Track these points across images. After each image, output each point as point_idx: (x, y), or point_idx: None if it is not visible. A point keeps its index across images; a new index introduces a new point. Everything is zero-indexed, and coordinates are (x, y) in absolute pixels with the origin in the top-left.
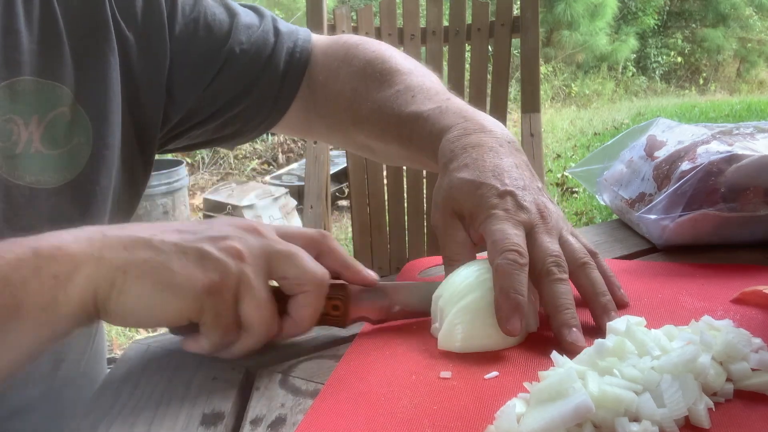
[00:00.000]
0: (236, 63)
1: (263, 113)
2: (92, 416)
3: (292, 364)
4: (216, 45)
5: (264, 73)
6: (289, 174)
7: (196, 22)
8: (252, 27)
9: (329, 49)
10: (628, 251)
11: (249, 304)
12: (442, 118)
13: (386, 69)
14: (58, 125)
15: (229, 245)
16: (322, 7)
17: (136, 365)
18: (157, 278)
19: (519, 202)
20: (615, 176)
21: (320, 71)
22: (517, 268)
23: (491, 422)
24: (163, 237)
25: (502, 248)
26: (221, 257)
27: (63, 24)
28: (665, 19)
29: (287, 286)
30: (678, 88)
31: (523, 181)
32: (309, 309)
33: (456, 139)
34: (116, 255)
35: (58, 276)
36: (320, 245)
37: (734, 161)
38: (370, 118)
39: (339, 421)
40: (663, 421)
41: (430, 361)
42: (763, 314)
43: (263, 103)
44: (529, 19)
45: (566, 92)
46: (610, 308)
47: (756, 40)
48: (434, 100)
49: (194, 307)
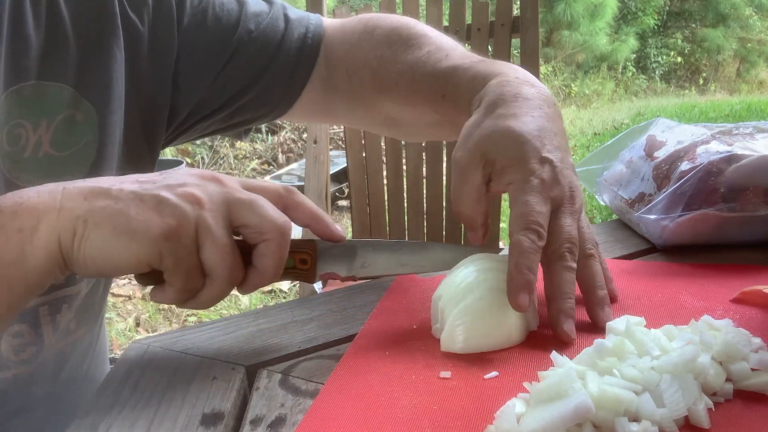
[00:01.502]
0: (246, 52)
1: (273, 100)
2: (92, 416)
3: (292, 364)
4: (225, 35)
5: (274, 60)
6: (289, 174)
7: (204, 13)
8: (261, 15)
9: (346, 26)
10: (628, 251)
11: (210, 249)
12: (488, 66)
13: (413, 34)
14: (68, 126)
15: (188, 191)
16: (322, 7)
17: (136, 365)
18: (115, 224)
19: (556, 174)
20: (615, 176)
21: (339, 47)
22: (535, 248)
23: (491, 422)
24: (121, 186)
25: (525, 223)
26: (179, 203)
27: (69, 21)
28: (665, 19)
29: (249, 235)
30: (678, 88)
31: (561, 153)
32: (272, 258)
33: (506, 83)
34: (76, 205)
35: (23, 230)
36: (286, 199)
37: (734, 161)
38: (400, 82)
39: (339, 421)
40: (663, 421)
41: (430, 361)
42: (763, 314)
43: (273, 90)
44: (529, 19)
45: (566, 92)
46: (606, 302)
47: (756, 40)
48: (470, 57)
49: (153, 252)
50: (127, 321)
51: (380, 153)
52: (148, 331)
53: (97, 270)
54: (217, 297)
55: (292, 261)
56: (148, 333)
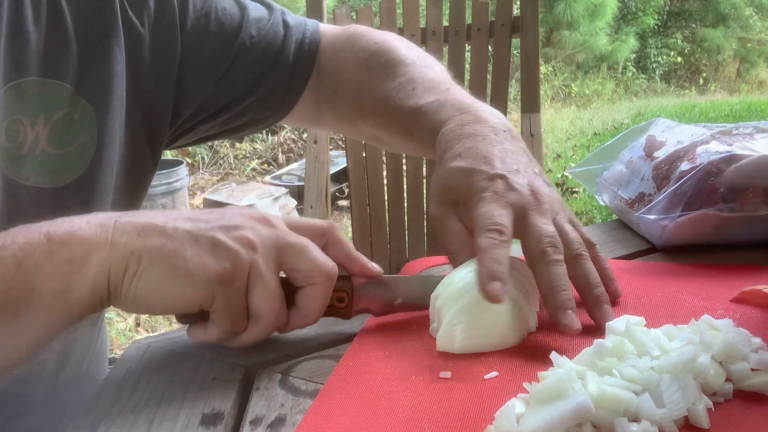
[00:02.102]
0: (247, 56)
1: (273, 105)
2: (92, 416)
3: (292, 364)
4: (227, 39)
5: (274, 65)
6: (289, 174)
7: (207, 17)
8: (262, 20)
9: (337, 40)
10: (628, 251)
11: (259, 293)
12: (440, 111)
13: (390, 60)
14: (65, 125)
15: (242, 235)
16: (322, 7)
17: (136, 365)
18: (170, 265)
19: (510, 184)
20: (615, 176)
21: (329, 62)
22: (496, 243)
23: (491, 422)
24: (176, 224)
25: (483, 227)
26: (233, 246)
27: (71, 20)
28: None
29: (297, 278)
30: (678, 88)
31: (517, 165)
32: (317, 301)
33: (451, 131)
34: (129, 240)
35: (72, 261)
36: (328, 236)
37: (734, 161)
38: (375, 110)
39: (339, 421)
40: (662, 421)
41: (430, 361)
42: (763, 314)
43: (273, 95)
44: (529, 19)
45: (566, 92)
46: (603, 300)
47: (756, 40)
48: (434, 92)
49: (206, 295)
50: (127, 321)
51: (380, 153)
52: (148, 331)
53: (145, 307)
54: (258, 338)
55: (331, 300)
56: (148, 333)
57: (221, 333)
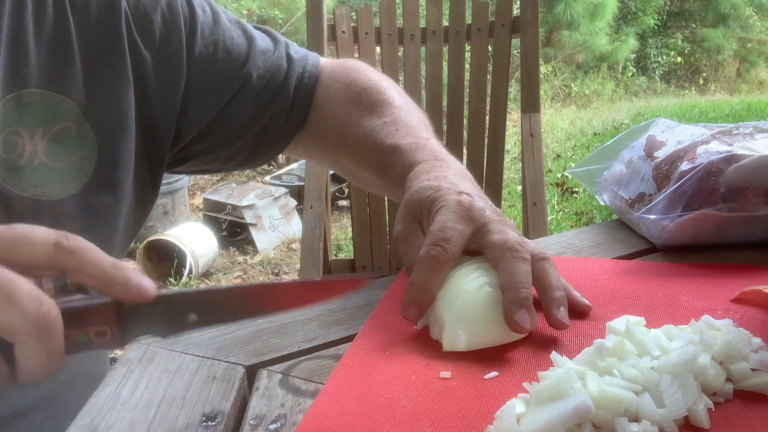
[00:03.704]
0: (252, 88)
1: (272, 139)
2: (92, 416)
3: (292, 364)
4: (234, 69)
5: (276, 98)
6: (289, 174)
7: (215, 45)
8: (267, 52)
9: (334, 72)
10: (628, 251)
11: None
12: (416, 152)
13: (379, 100)
14: (63, 138)
15: None
16: (322, 7)
17: (136, 365)
18: None
19: (475, 201)
20: (615, 176)
21: (321, 93)
22: (434, 264)
23: (491, 422)
24: None
25: (431, 240)
26: None
27: (76, 38)
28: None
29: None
30: (678, 88)
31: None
32: (32, 361)
33: (422, 169)
34: None
35: None
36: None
37: (734, 161)
38: (356, 144)
39: (339, 421)
40: (663, 421)
41: (430, 361)
42: (763, 314)
43: (274, 129)
44: (529, 19)
45: (566, 92)
46: (561, 303)
47: (756, 40)
48: (415, 136)
49: None
50: None
51: None
52: None
53: None
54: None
55: (85, 335)
56: None
57: None
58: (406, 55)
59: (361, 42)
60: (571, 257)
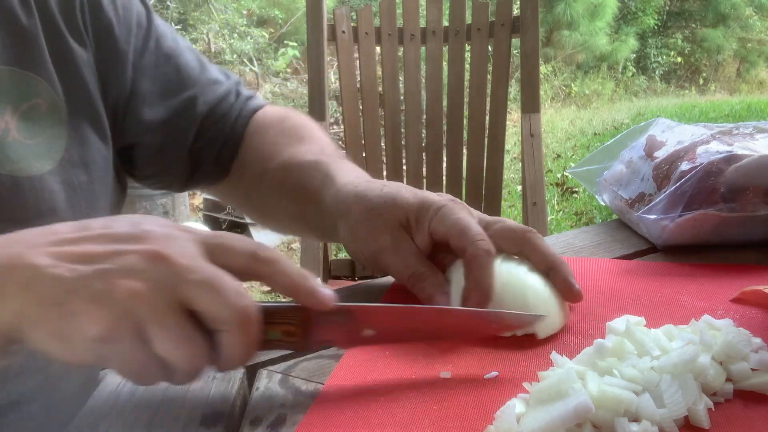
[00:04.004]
0: (197, 111)
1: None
2: (92, 416)
3: (292, 364)
4: (181, 85)
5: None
6: None
7: (167, 59)
8: (218, 82)
9: (271, 111)
10: (628, 251)
11: (160, 344)
12: (341, 165)
13: (308, 135)
14: (34, 116)
15: (124, 285)
16: (322, 7)
17: None
18: (49, 328)
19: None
20: (615, 176)
21: (254, 126)
22: (489, 256)
23: (491, 422)
24: (57, 271)
25: (473, 237)
26: (114, 301)
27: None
28: (665, 19)
29: (205, 321)
30: (678, 88)
31: None
32: (233, 349)
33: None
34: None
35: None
36: (259, 268)
37: (734, 161)
38: (277, 169)
39: (339, 421)
40: (663, 421)
41: (430, 361)
42: (763, 314)
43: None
44: (529, 19)
45: (566, 92)
46: None
47: (756, 40)
48: (341, 157)
49: (92, 356)
50: None
51: (380, 153)
52: None
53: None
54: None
55: (275, 333)
56: None
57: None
58: (406, 55)
59: (361, 42)
60: (571, 257)
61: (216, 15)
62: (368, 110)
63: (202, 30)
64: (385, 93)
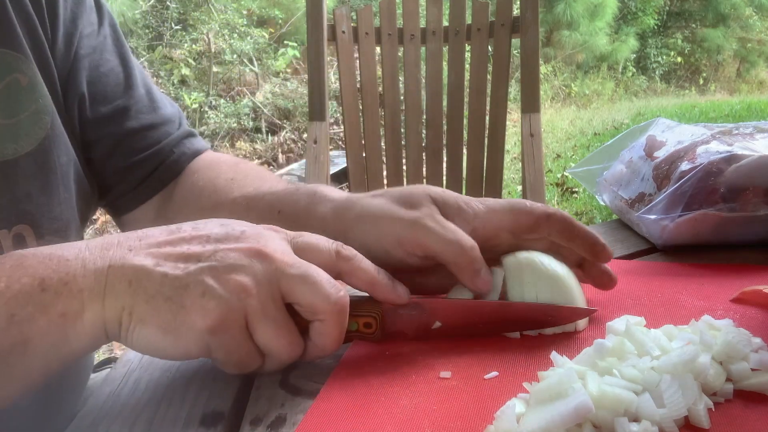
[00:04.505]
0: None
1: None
2: (92, 416)
3: (292, 365)
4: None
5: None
6: (289, 174)
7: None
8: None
9: (221, 154)
10: (628, 251)
11: (263, 334)
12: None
13: (268, 176)
14: (12, 93)
15: (233, 279)
16: (322, 7)
17: (135, 366)
18: (159, 323)
19: None
20: (615, 176)
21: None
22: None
23: (491, 422)
24: (164, 269)
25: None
26: (224, 294)
27: None
28: (665, 19)
29: (302, 312)
30: (678, 88)
31: None
32: (328, 337)
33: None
34: (121, 291)
35: (66, 315)
36: (341, 265)
37: (734, 161)
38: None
39: (339, 421)
40: (663, 421)
41: (430, 361)
42: (763, 314)
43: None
44: (529, 19)
45: (566, 92)
46: None
47: (756, 40)
48: None
49: (200, 348)
50: None
51: (380, 153)
52: None
53: (149, 356)
54: (277, 368)
55: (355, 324)
56: None
57: (233, 372)
58: (406, 55)
59: (361, 42)
60: None
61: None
62: (368, 110)
63: (202, 30)
64: (385, 93)
